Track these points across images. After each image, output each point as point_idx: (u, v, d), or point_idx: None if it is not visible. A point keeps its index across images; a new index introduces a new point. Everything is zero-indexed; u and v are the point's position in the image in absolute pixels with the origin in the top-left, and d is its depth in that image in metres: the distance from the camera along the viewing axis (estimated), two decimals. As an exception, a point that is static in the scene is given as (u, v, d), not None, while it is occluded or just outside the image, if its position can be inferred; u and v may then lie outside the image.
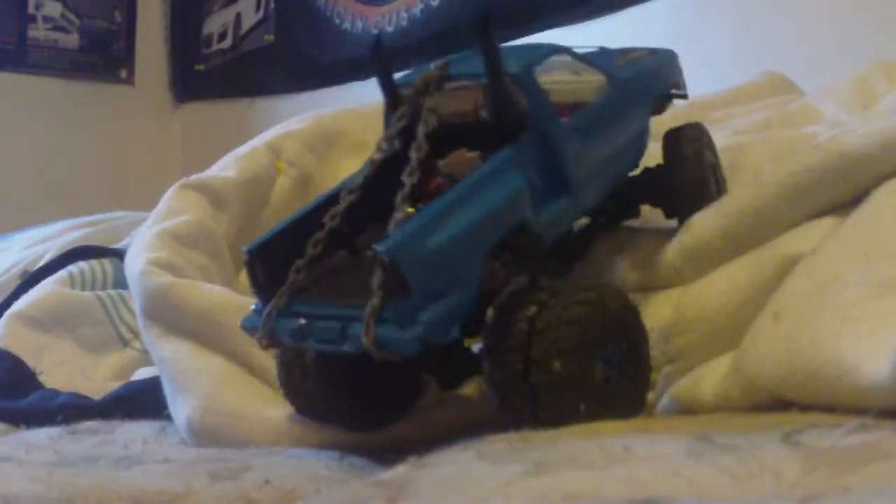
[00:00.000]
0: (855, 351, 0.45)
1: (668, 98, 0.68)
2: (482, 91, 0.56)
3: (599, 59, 0.63)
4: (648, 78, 0.65)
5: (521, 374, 0.51)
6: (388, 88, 0.59)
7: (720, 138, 0.74)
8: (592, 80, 0.61)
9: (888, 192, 0.56)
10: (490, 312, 0.52)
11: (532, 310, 0.52)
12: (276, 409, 0.61)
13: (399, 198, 0.51)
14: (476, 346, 0.54)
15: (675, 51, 0.72)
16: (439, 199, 0.51)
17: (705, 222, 0.61)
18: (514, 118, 0.56)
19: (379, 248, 0.48)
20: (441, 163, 0.57)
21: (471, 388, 0.62)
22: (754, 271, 0.58)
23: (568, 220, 0.58)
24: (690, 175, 0.64)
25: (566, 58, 0.61)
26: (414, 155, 0.53)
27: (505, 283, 0.53)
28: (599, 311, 0.53)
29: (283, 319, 0.53)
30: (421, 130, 0.54)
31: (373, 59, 0.60)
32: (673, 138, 0.65)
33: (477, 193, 0.52)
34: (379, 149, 0.56)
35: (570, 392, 0.51)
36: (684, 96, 0.69)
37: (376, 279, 0.48)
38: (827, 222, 0.58)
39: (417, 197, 0.53)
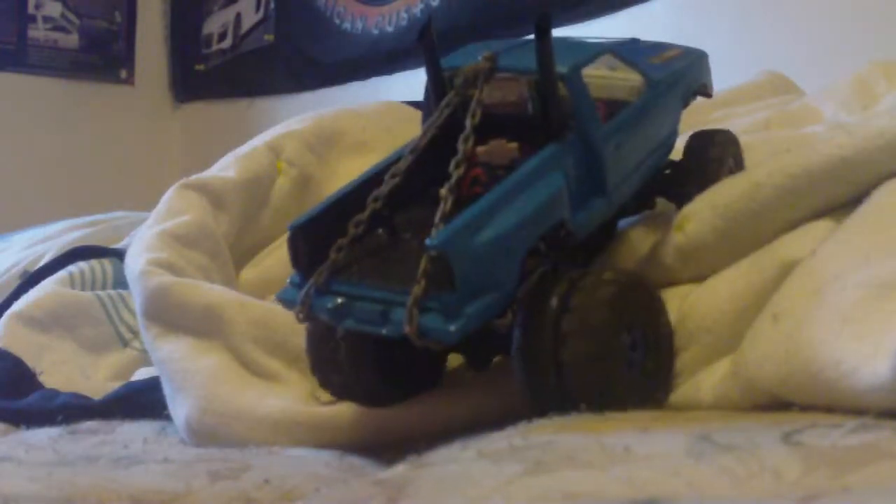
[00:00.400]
0: (855, 352, 0.45)
1: (692, 95, 0.69)
2: (528, 85, 0.58)
3: (637, 57, 0.64)
4: (681, 80, 0.66)
5: (551, 352, 0.53)
6: (435, 74, 0.60)
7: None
8: (630, 79, 0.63)
9: (888, 192, 0.56)
10: (520, 292, 0.54)
11: (562, 288, 0.54)
12: (274, 407, 0.60)
13: (445, 190, 0.53)
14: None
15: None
16: (487, 196, 0.53)
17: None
18: (558, 116, 0.57)
19: (430, 242, 0.50)
20: (480, 149, 0.58)
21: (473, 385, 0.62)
22: (753, 277, 0.58)
23: (600, 219, 0.59)
24: (712, 179, 0.64)
25: (610, 57, 0.62)
26: (462, 147, 0.55)
27: (532, 270, 0.55)
28: (629, 293, 0.55)
29: (322, 296, 0.54)
30: (469, 123, 0.56)
31: (420, 42, 0.60)
32: (701, 140, 0.66)
33: (522, 192, 0.54)
34: (421, 138, 0.58)
35: (599, 371, 0.53)
36: (709, 95, 0.71)
37: (423, 269, 0.50)
38: (826, 224, 0.58)
39: (455, 199, 0.54)
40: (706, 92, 0.70)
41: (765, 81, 1.09)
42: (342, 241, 0.55)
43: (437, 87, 0.60)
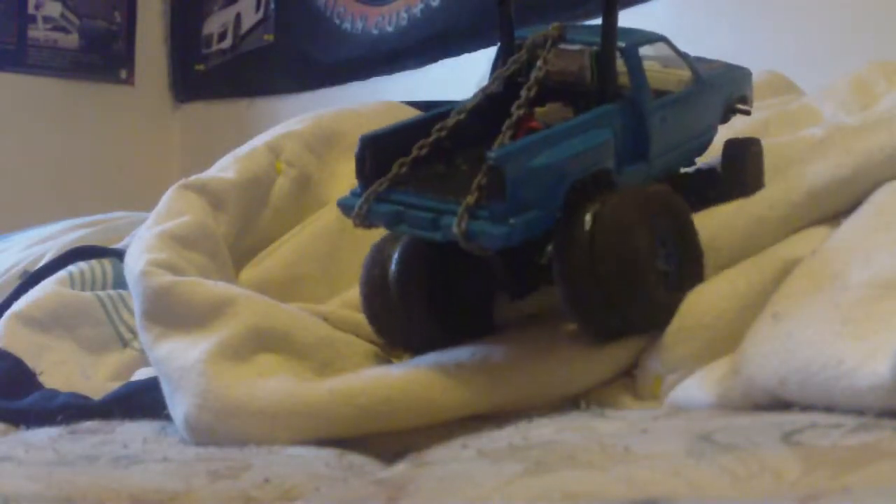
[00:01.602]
0: (855, 352, 0.45)
1: (733, 111, 0.73)
2: (589, 56, 0.64)
3: (688, 57, 0.70)
4: (725, 84, 0.73)
5: (589, 267, 0.58)
6: (507, 36, 0.67)
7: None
8: (680, 74, 0.69)
9: (889, 192, 0.56)
10: (559, 216, 0.59)
11: (596, 206, 0.59)
12: (269, 400, 0.60)
13: (507, 123, 0.59)
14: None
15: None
16: (543, 131, 0.60)
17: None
18: (612, 85, 0.64)
19: (490, 153, 0.56)
20: (538, 110, 0.64)
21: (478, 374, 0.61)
22: (754, 276, 0.58)
23: (639, 182, 0.64)
24: (751, 190, 0.67)
25: (664, 47, 0.69)
26: (525, 93, 0.61)
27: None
28: (663, 207, 0.61)
29: (380, 204, 0.60)
30: (534, 75, 0.62)
31: (500, 7, 0.68)
32: (737, 149, 0.70)
33: (574, 135, 0.60)
34: (490, 84, 0.64)
35: (635, 280, 0.58)
36: (747, 112, 0.74)
37: (479, 179, 0.56)
38: (827, 225, 0.59)
39: (514, 134, 0.60)
40: (745, 104, 0.74)
41: (764, 81, 1.10)
42: (405, 159, 0.60)
43: (507, 53, 0.66)
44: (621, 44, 0.64)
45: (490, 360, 0.61)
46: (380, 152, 0.61)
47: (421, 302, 0.65)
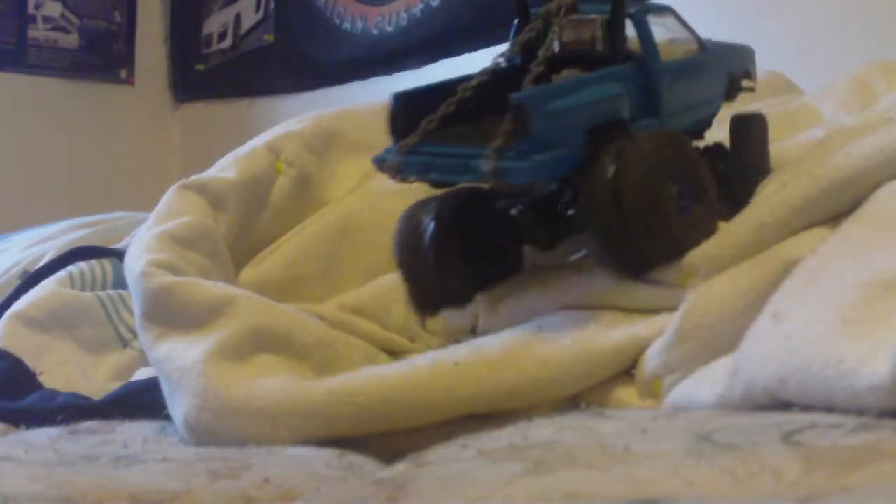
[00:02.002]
0: (855, 351, 0.45)
1: (738, 88, 0.78)
2: (601, 25, 0.69)
3: (693, 30, 0.76)
4: (731, 57, 0.78)
5: (614, 204, 0.62)
6: (523, 10, 0.72)
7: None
8: (686, 46, 0.74)
9: (889, 192, 0.56)
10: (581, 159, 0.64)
11: (616, 147, 0.63)
12: (268, 399, 0.60)
13: (527, 79, 0.64)
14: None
15: None
16: (562, 81, 0.66)
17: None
18: (623, 51, 0.69)
19: (514, 95, 0.61)
20: (554, 77, 0.69)
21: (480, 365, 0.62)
22: (755, 277, 0.58)
23: None
24: (759, 163, 0.73)
25: (672, 20, 0.74)
26: (542, 53, 0.65)
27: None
28: (678, 145, 0.66)
29: (413, 157, 0.65)
30: (551, 36, 0.67)
31: None
32: (743, 124, 0.75)
33: (589, 86, 0.65)
34: (510, 49, 0.69)
35: (658, 214, 0.63)
36: (752, 89, 0.79)
37: (505, 122, 0.61)
38: (829, 226, 0.59)
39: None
40: (750, 79, 0.79)
41: (764, 82, 1.10)
42: (433, 116, 0.64)
43: (522, 19, 0.72)
44: (631, 10, 0.69)
45: (489, 357, 0.62)
46: (410, 110, 0.66)
47: (455, 259, 0.71)
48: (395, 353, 0.74)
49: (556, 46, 0.68)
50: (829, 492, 0.34)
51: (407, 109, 0.66)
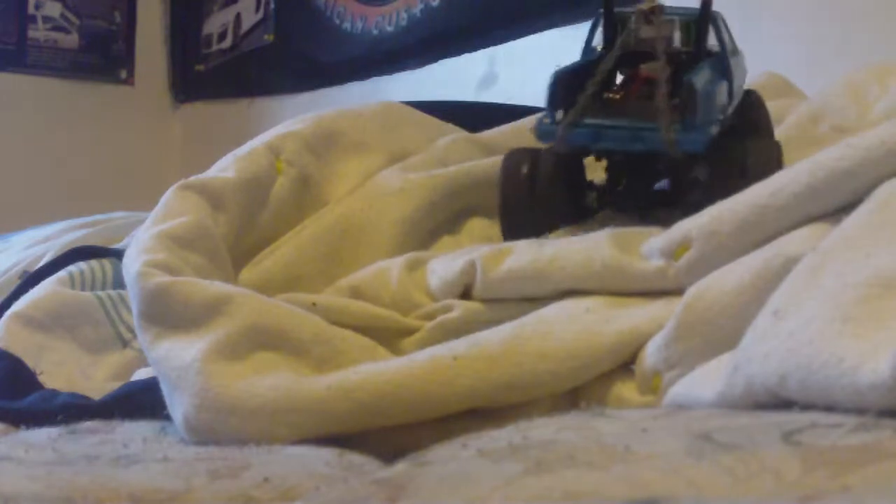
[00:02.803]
0: (856, 350, 0.45)
1: None
2: (681, 24, 0.82)
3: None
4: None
5: (742, 176, 0.72)
6: (609, 11, 0.82)
7: None
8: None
9: (890, 189, 0.56)
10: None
11: (750, 140, 0.80)
12: (266, 397, 0.60)
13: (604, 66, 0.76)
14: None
15: None
16: (705, 70, 0.77)
17: (698, 250, 0.64)
18: (705, 47, 0.81)
19: (688, 78, 0.73)
20: (643, 67, 0.79)
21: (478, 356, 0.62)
22: (756, 272, 0.58)
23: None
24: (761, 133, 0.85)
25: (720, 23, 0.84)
26: (620, 43, 0.77)
27: None
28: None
29: (578, 128, 0.75)
30: (629, 31, 0.78)
31: None
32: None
33: (715, 75, 0.78)
34: (620, 45, 0.78)
35: None
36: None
37: (675, 101, 0.73)
38: (830, 221, 0.59)
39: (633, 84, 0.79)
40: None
41: (762, 84, 1.10)
42: (589, 90, 0.74)
43: (608, 24, 0.82)
44: (714, 12, 0.81)
45: (488, 351, 0.62)
46: (568, 86, 0.76)
47: (552, 196, 0.82)
48: (388, 332, 0.74)
49: (632, 41, 0.77)
50: (829, 492, 0.34)
51: (566, 85, 0.76)
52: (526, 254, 0.73)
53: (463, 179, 0.94)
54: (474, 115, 1.15)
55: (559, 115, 0.76)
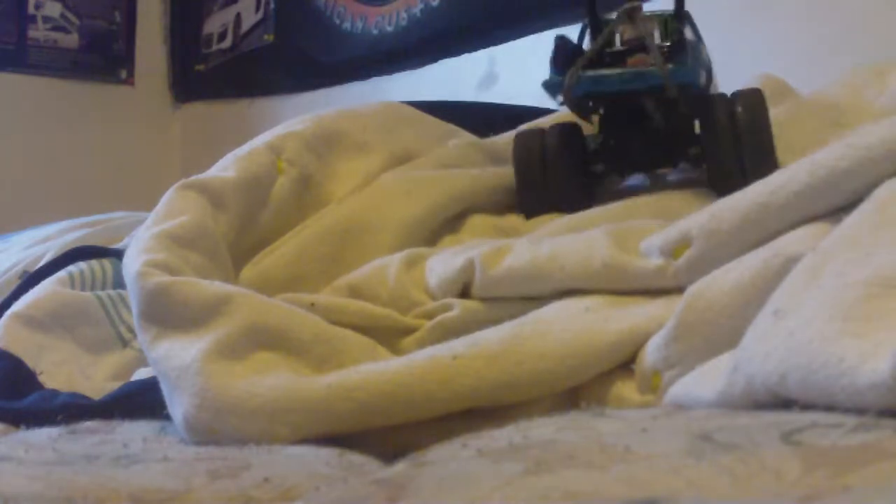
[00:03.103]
0: (856, 350, 0.45)
1: None
2: (658, 22, 0.90)
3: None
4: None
5: (732, 128, 0.86)
6: (593, 15, 0.93)
7: None
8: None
9: (890, 189, 0.56)
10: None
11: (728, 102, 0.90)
12: (266, 397, 0.60)
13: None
14: None
15: None
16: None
17: (698, 249, 0.65)
18: (681, 42, 0.89)
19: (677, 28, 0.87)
20: (630, 60, 0.88)
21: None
22: (757, 271, 0.58)
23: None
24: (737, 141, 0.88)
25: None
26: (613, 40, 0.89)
27: None
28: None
29: (577, 83, 0.86)
30: (609, 31, 0.89)
31: None
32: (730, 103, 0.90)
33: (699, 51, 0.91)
34: (603, 41, 0.88)
35: (762, 134, 0.88)
36: None
37: (671, 47, 0.87)
38: (830, 221, 0.59)
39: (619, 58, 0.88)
40: None
41: (764, 86, 1.10)
42: (588, 51, 0.87)
43: (593, 24, 0.92)
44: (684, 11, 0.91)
45: (487, 351, 0.62)
46: (567, 50, 0.88)
47: (565, 169, 0.91)
48: (387, 331, 0.74)
49: (618, 41, 0.88)
50: (829, 492, 0.34)
51: (566, 47, 0.88)
52: (525, 252, 0.73)
53: (467, 183, 0.95)
54: (474, 115, 1.16)
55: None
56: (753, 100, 0.87)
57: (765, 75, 1.12)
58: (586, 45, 0.91)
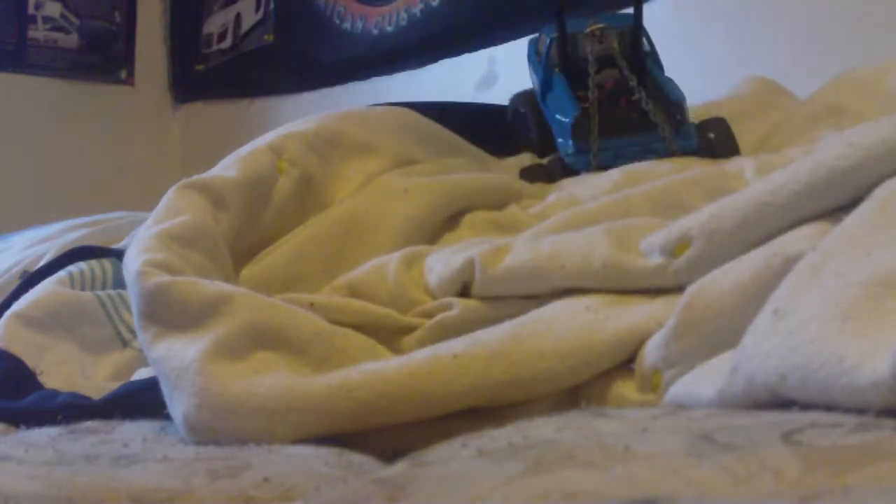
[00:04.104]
0: (856, 349, 0.45)
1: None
2: (617, 35, 1.06)
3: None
4: None
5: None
6: (563, 32, 1.09)
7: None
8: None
9: (891, 188, 0.56)
10: None
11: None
12: (265, 396, 0.60)
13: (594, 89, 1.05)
14: None
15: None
16: (656, 69, 1.08)
17: (698, 249, 0.65)
18: (642, 52, 1.07)
19: (675, 98, 1.04)
20: (597, 77, 1.04)
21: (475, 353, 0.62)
22: (760, 271, 0.58)
23: None
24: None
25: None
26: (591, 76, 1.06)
27: None
28: None
29: (601, 152, 1.02)
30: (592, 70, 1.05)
31: (556, 17, 1.09)
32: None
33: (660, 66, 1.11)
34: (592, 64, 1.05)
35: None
36: None
37: (673, 117, 1.03)
38: (830, 221, 0.59)
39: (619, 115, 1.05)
40: None
41: (753, 90, 1.12)
42: (592, 123, 1.02)
43: (562, 40, 1.09)
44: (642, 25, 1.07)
45: (487, 350, 0.62)
46: (582, 120, 1.04)
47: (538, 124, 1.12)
48: (387, 330, 0.74)
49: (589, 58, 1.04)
50: (829, 492, 0.34)
51: (581, 120, 1.03)
52: (525, 252, 0.73)
53: (466, 183, 0.95)
54: (467, 116, 1.16)
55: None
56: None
57: (753, 79, 1.13)
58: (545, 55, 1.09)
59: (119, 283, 1.00)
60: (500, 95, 1.84)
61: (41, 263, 1.10)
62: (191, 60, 2.69)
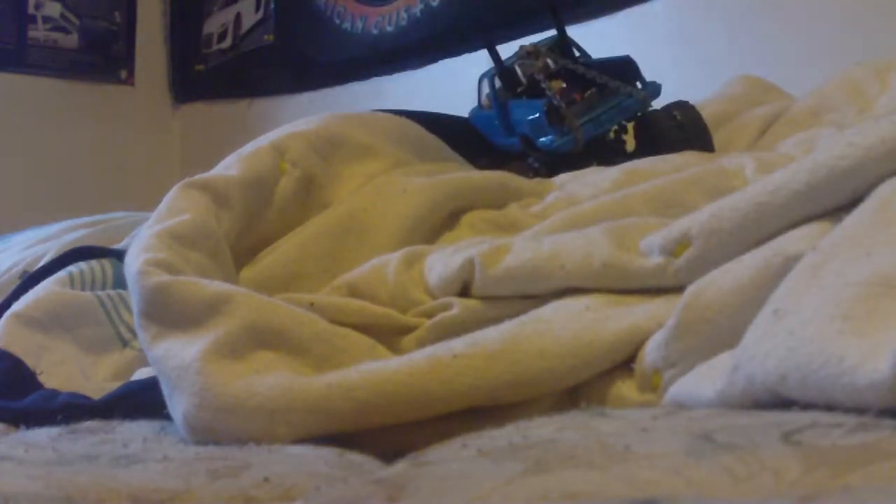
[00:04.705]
0: (856, 349, 0.45)
1: None
2: (550, 49, 1.15)
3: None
4: None
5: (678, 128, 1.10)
6: (498, 60, 1.19)
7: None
8: None
9: (891, 188, 0.56)
10: None
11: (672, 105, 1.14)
12: (265, 396, 0.60)
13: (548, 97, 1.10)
14: None
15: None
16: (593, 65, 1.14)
17: (698, 249, 0.65)
18: (573, 56, 1.14)
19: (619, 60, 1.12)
20: (553, 84, 1.10)
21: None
22: (759, 271, 0.58)
23: None
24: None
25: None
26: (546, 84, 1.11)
27: None
28: None
29: (581, 128, 1.06)
30: (544, 80, 1.11)
31: (489, 51, 1.19)
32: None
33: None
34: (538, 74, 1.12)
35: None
36: None
37: (625, 76, 1.09)
38: (830, 221, 0.59)
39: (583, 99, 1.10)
40: None
41: (744, 91, 1.12)
42: (565, 108, 1.07)
43: (499, 66, 1.19)
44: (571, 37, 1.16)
45: (487, 350, 0.62)
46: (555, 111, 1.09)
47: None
48: (387, 330, 0.74)
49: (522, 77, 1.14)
50: (829, 491, 0.34)
51: (551, 107, 1.07)
52: (525, 251, 0.73)
53: (465, 182, 0.95)
54: (450, 127, 1.16)
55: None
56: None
57: (740, 77, 1.13)
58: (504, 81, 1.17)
59: (119, 283, 1.00)
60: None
61: (41, 263, 1.10)
62: (191, 60, 2.69)
